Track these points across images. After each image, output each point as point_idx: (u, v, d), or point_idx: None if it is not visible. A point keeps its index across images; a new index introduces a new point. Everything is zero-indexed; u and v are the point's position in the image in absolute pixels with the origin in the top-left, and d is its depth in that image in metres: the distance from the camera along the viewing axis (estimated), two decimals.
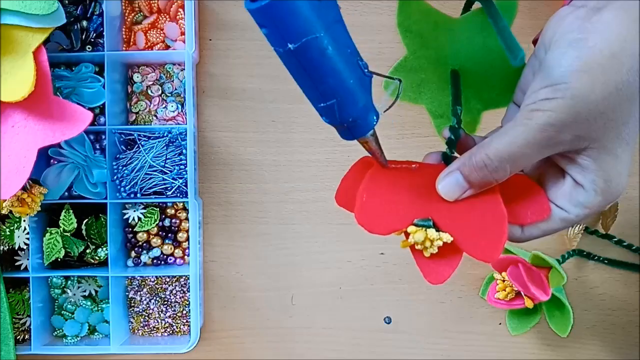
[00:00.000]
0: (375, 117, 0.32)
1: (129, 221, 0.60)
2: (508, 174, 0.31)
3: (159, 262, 0.61)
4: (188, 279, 0.60)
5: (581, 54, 0.28)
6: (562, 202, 0.32)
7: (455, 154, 0.36)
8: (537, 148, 0.29)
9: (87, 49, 0.58)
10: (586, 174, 0.30)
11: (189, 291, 0.60)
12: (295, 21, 0.25)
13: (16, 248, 0.58)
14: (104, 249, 0.59)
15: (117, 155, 0.58)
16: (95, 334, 0.61)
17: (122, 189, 0.57)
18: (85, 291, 0.61)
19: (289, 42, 0.26)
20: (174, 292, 0.61)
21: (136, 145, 0.58)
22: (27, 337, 0.60)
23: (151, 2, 0.60)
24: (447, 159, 0.35)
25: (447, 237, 0.31)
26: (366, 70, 0.30)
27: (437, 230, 0.32)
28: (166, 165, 0.57)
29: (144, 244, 0.61)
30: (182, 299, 0.61)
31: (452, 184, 0.32)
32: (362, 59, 0.30)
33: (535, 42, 0.36)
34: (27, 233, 0.58)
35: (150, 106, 0.60)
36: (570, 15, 0.29)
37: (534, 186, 0.33)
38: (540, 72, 0.29)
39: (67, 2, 0.57)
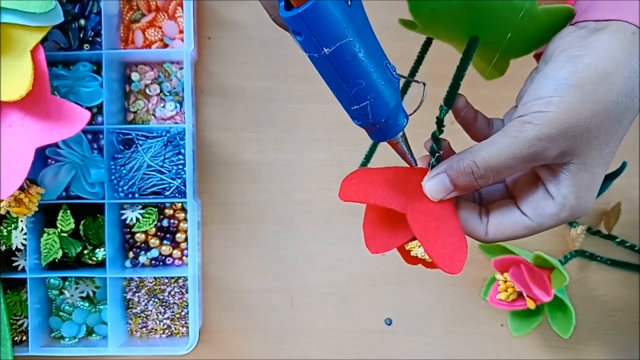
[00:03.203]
0: (405, 118, 0.33)
1: (127, 221, 0.59)
2: (491, 182, 0.32)
3: (157, 263, 0.61)
4: (187, 280, 0.60)
5: (576, 69, 0.29)
6: (528, 210, 0.32)
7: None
8: (523, 162, 0.30)
9: (85, 48, 0.57)
10: (560, 188, 0.31)
11: (187, 292, 0.60)
12: (329, 26, 0.27)
13: (13, 249, 0.58)
14: (102, 249, 0.58)
15: (115, 155, 0.58)
16: (93, 335, 0.61)
17: (120, 189, 0.57)
18: (83, 292, 0.61)
19: (324, 46, 0.28)
20: (172, 293, 0.60)
21: (134, 145, 0.58)
22: (24, 338, 0.59)
23: (149, 0, 0.59)
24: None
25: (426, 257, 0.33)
26: (394, 73, 0.31)
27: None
28: (164, 165, 0.57)
29: (142, 245, 0.60)
30: (181, 300, 0.61)
31: (439, 184, 0.33)
32: (389, 61, 0.31)
33: (537, 56, 0.36)
34: (25, 233, 0.57)
35: (148, 105, 0.60)
36: (572, 34, 0.31)
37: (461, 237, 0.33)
38: (537, 82, 0.30)
39: (64, 0, 0.57)
